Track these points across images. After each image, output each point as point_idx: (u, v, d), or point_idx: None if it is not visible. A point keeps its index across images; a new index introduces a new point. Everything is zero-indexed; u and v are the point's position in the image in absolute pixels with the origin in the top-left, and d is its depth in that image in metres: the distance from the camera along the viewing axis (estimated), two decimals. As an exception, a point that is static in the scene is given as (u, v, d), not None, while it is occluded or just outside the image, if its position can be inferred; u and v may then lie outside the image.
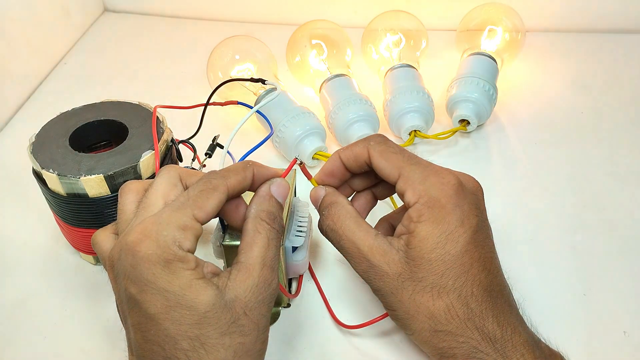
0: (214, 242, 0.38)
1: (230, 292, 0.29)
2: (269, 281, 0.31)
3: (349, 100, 0.52)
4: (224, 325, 0.29)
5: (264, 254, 0.31)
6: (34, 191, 0.44)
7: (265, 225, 0.32)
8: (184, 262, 0.29)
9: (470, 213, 0.33)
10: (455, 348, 0.31)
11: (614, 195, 0.50)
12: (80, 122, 0.42)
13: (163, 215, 0.30)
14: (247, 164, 0.34)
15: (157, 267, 0.28)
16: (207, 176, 0.32)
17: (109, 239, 0.32)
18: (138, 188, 0.33)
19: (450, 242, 0.32)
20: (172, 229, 0.29)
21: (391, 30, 0.60)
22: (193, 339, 0.28)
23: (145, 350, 0.29)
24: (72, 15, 0.74)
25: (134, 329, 0.29)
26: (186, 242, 0.29)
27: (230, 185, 0.32)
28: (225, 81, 0.45)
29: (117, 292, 0.31)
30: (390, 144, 0.36)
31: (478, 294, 0.32)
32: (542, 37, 0.71)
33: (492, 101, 0.55)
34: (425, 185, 0.33)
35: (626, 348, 0.38)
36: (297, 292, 0.42)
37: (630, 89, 0.63)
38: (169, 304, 0.28)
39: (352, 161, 0.36)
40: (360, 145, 0.36)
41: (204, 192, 0.31)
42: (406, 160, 0.35)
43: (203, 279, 0.29)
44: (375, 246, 0.34)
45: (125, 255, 0.29)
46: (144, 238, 0.29)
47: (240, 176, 0.33)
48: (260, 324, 0.30)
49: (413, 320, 0.33)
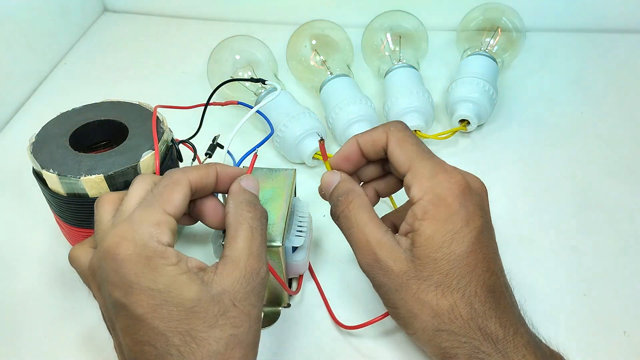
0: (214, 242, 0.38)
1: (216, 286, 0.29)
2: (256, 270, 0.31)
3: (349, 100, 0.52)
4: (212, 318, 0.29)
5: (249, 244, 0.31)
6: (34, 191, 0.44)
7: (246, 214, 0.32)
8: (164, 258, 0.29)
9: (476, 214, 0.33)
10: (457, 348, 0.31)
11: (614, 195, 0.50)
12: (80, 122, 0.42)
13: (135, 216, 0.30)
14: (208, 163, 0.35)
15: (139, 266, 0.28)
16: (168, 173, 0.33)
17: (87, 253, 0.32)
18: (114, 199, 0.33)
19: (456, 241, 0.32)
20: (147, 226, 0.29)
21: (391, 30, 0.60)
22: (184, 334, 0.28)
23: (136, 353, 0.29)
24: (71, 15, 0.74)
25: (123, 333, 0.29)
26: (163, 236, 0.30)
27: (192, 178, 0.32)
28: (225, 81, 0.45)
29: (102, 301, 0.31)
30: (409, 133, 0.36)
31: (482, 294, 0.32)
32: (542, 37, 0.71)
33: (492, 101, 0.55)
34: (433, 182, 0.33)
35: (626, 348, 0.38)
36: (297, 291, 0.42)
37: (630, 89, 0.63)
38: (156, 302, 0.28)
39: (369, 145, 0.36)
40: (380, 129, 0.36)
41: (168, 187, 0.31)
42: (419, 153, 0.34)
43: (186, 274, 0.29)
44: (384, 241, 0.34)
45: (106, 261, 0.29)
46: (121, 240, 0.29)
47: (203, 171, 0.33)
48: (252, 314, 0.30)
49: (416, 319, 0.33)
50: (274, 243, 0.36)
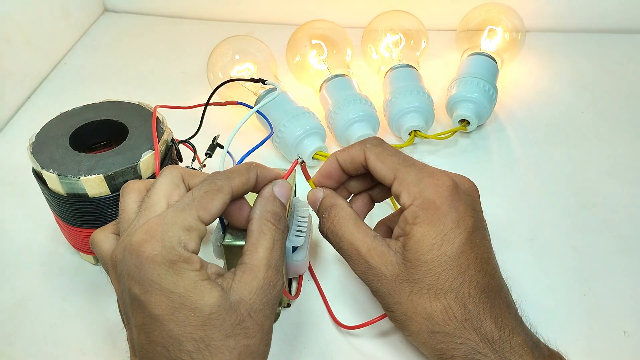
0: (214, 242, 0.38)
1: (235, 294, 0.29)
2: (274, 283, 0.31)
3: (349, 100, 0.52)
4: (228, 327, 0.28)
5: (269, 255, 0.31)
6: (34, 191, 0.44)
7: (270, 226, 0.32)
8: (188, 263, 0.29)
9: (466, 214, 0.33)
10: (453, 349, 0.31)
11: (614, 195, 0.50)
12: (80, 122, 0.42)
13: (168, 216, 0.29)
14: (250, 165, 0.34)
15: (162, 268, 0.28)
16: (212, 177, 0.32)
17: (109, 239, 0.32)
18: (140, 188, 0.32)
19: (446, 243, 0.32)
20: (177, 230, 0.29)
21: (391, 30, 0.60)
22: (198, 341, 0.28)
23: (148, 352, 0.29)
24: (72, 15, 0.74)
25: (137, 330, 0.29)
26: (191, 243, 0.29)
27: (235, 186, 0.32)
28: (225, 81, 0.45)
29: (120, 292, 0.30)
30: (386, 146, 0.36)
31: (475, 295, 0.32)
32: (542, 37, 0.71)
33: (492, 101, 0.55)
34: (420, 187, 0.33)
35: (626, 348, 0.38)
36: (297, 293, 0.42)
37: (630, 89, 0.63)
38: (174, 305, 0.28)
39: (348, 163, 0.36)
40: (356, 147, 0.36)
41: (209, 193, 0.30)
42: (401, 162, 0.35)
43: (208, 280, 0.29)
44: (374, 248, 0.34)
45: (130, 255, 0.29)
46: (149, 238, 0.28)
47: (245, 177, 0.32)
48: (265, 326, 0.30)
49: (411, 322, 0.33)
50: (274, 243, 0.36)
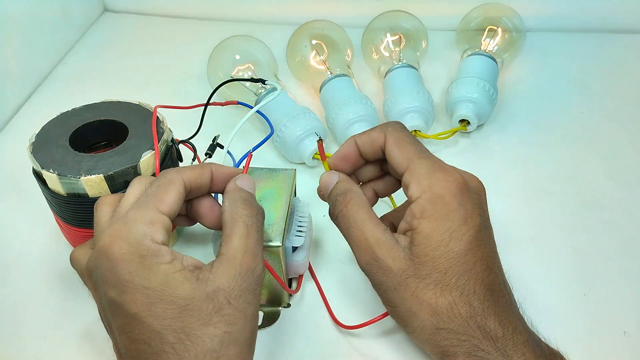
0: (214, 242, 0.38)
1: (211, 284, 0.29)
2: (252, 268, 0.31)
3: (349, 100, 0.52)
4: (206, 316, 0.29)
5: (245, 242, 0.31)
6: (34, 191, 0.44)
7: (242, 212, 0.32)
8: (158, 256, 0.29)
9: (474, 212, 0.33)
10: (456, 346, 0.31)
11: (614, 195, 0.50)
12: (80, 122, 0.42)
13: (129, 215, 0.30)
14: (203, 163, 0.35)
15: (133, 265, 0.29)
16: (162, 173, 0.33)
17: (87, 254, 0.33)
18: (113, 201, 0.33)
19: (454, 240, 0.32)
20: (141, 225, 0.30)
21: (391, 30, 0.60)
22: (178, 332, 0.28)
23: (132, 351, 0.29)
24: (72, 16, 0.73)
25: (118, 332, 0.29)
26: (157, 234, 0.30)
27: (186, 177, 0.33)
28: (225, 81, 0.45)
29: (99, 301, 0.31)
30: (407, 133, 0.36)
31: (480, 293, 0.32)
32: (542, 37, 0.71)
33: (492, 101, 0.55)
34: (431, 180, 0.33)
35: (626, 348, 0.38)
36: (297, 290, 0.42)
37: (630, 89, 0.63)
38: (150, 300, 0.28)
39: (367, 146, 0.36)
40: (378, 130, 0.36)
41: (162, 186, 0.32)
42: (417, 152, 0.35)
43: (180, 272, 0.29)
44: (383, 240, 0.34)
45: (100, 261, 0.29)
46: (115, 239, 0.29)
47: (197, 171, 0.33)
48: (247, 312, 0.30)
49: (415, 318, 0.33)
50: (273, 243, 0.36)
